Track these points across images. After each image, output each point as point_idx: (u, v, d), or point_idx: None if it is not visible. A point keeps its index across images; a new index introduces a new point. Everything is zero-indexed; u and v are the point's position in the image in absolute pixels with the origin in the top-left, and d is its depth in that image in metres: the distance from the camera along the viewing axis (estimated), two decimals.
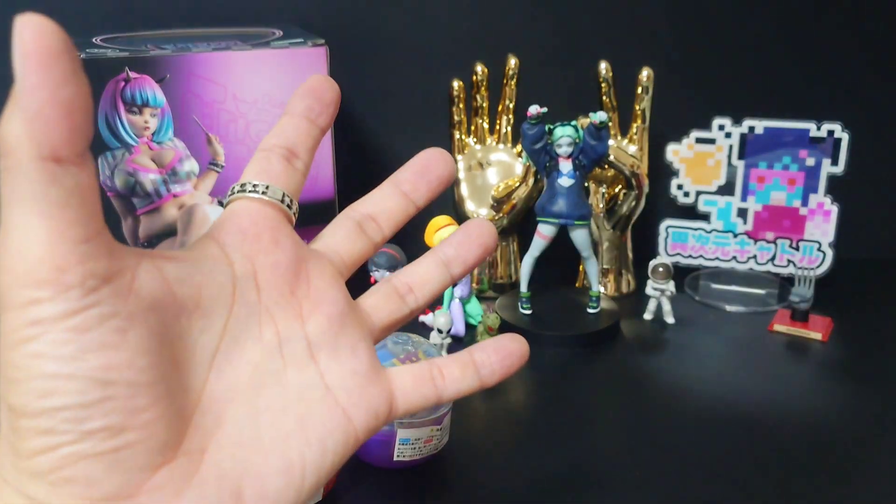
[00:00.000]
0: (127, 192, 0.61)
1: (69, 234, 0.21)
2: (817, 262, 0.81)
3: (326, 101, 0.30)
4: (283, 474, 0.25)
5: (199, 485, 0.24)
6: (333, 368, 0.28)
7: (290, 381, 0.27)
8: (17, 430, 0.21)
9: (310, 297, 0.28)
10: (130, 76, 0.59)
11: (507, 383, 0.66)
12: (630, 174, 0.80)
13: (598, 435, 0.59)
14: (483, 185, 0.82)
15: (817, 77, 0.87)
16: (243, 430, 0.25)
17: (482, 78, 0.82)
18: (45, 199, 0.20)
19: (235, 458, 0.25)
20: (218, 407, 0.25)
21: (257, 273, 0.27)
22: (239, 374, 0.26)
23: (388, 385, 0.29)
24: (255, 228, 0.27)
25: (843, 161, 0.78)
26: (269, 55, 0.61)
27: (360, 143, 0.87)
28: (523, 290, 0.75)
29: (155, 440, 0.23)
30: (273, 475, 0.25)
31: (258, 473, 0.25)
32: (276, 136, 0.29)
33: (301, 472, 0.26)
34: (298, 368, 0.27)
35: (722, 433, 0.58)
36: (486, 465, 0.55)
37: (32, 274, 0.20)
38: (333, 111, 0.30)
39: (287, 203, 0.28)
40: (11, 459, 0.22)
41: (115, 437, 0.22)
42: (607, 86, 0.81)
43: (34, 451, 0.21)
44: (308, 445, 0.26)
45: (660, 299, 0.76)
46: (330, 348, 0.28)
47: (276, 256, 0.27)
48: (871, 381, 0.66)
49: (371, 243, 0.31)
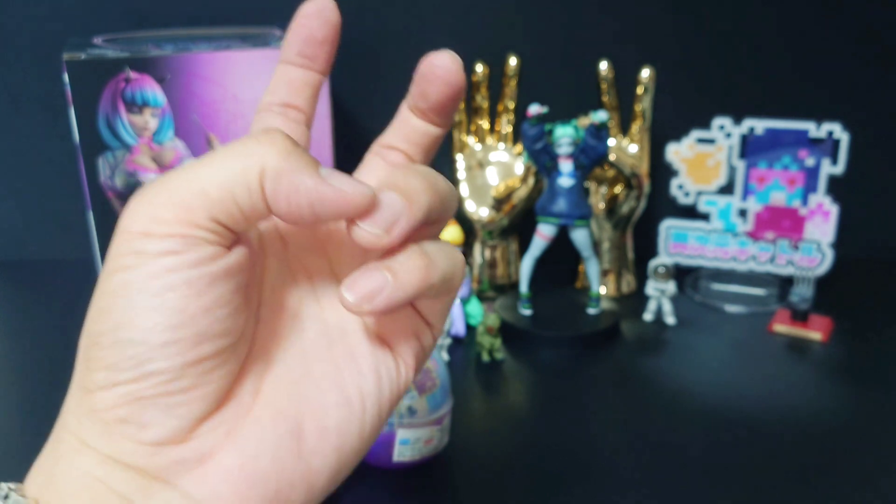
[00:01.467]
0: (127, 192, 0.61)
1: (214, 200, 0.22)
2: (817, 262, 0.81)
3: (319, 38, 0.28)
4: (342, 406, 0.25)
5: (254, 423, 0.24)
6: None
7: (329, 321, 0.27)
8: (88, 359, 0.22)
9: (332, 238, 0.28)
10: (131, 76, 0.59)
11: (507, 383, 0.66)
12: (630, 174, 0.80)
13: (598, 435, 0.59)
14: (483, 185, 0.82)
15: (817, 77, 0.87)
16: (294, 370, 0.25)
17: (482, 77, 0.82)
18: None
19: (290, 395, 0.25)
20: (266, 350, 0.25)
21: (278, 225, 0.27)
22: (281, 320, 0.26)
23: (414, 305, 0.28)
24: None
25: (843, 161, 0.78)
26: (269, 55, 0.61)
27: (360, 143, 0.87)
28: (523, 291, 0.75)
29: (212, 388, 0.23)
30: (332, 408, 0.25)
31: (316, 409, 0.25)
32: (269, 93, 0.29)
33: (361, 404, 0.26)
34: (334, 308, 0.27)
35: (722, 433, 0.58)
36: (486, 465, 0.55)
37: (188, 214, 0.22)
38: (330, 49, 0.28)
39: None
40: (77, 395, 0.23)
41: (172, 382, 0.22)
42: (608, 85, 0.81)
43: (97, 384, 0.22)
44: (362, 375, 0.26)
45: (660, 299, 0.76)
46: None
47: None
48: (871, 381, 0.66)
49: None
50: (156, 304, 0.21)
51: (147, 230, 0.22)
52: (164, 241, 0.22)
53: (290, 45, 0.28)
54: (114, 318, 0.22)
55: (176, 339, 0.22)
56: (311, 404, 0.25)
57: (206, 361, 0.22)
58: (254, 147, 0.22)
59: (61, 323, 0.76)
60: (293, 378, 0.25)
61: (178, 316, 0.22)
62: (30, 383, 0.66)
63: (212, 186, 0.22)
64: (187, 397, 0.22)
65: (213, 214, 0.22)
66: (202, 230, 0.22)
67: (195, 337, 0.22)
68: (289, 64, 0.28)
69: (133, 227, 0.22)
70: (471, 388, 0.65)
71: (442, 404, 0.52)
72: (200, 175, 0.22)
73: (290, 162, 0.22)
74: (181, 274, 0.22)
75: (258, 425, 0.24)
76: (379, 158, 0.29)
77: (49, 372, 0.66)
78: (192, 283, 0.22)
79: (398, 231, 0.23)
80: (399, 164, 0.29)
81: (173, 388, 0.22)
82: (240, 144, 0.22)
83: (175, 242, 0.22)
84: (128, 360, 0.21)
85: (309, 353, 0.26)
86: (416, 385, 0.51)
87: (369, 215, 0.23)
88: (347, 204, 0.23)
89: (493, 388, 0.66)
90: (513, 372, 0.68)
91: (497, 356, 0.69)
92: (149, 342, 0.21)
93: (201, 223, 0.22)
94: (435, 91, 0.27)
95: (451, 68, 0.27)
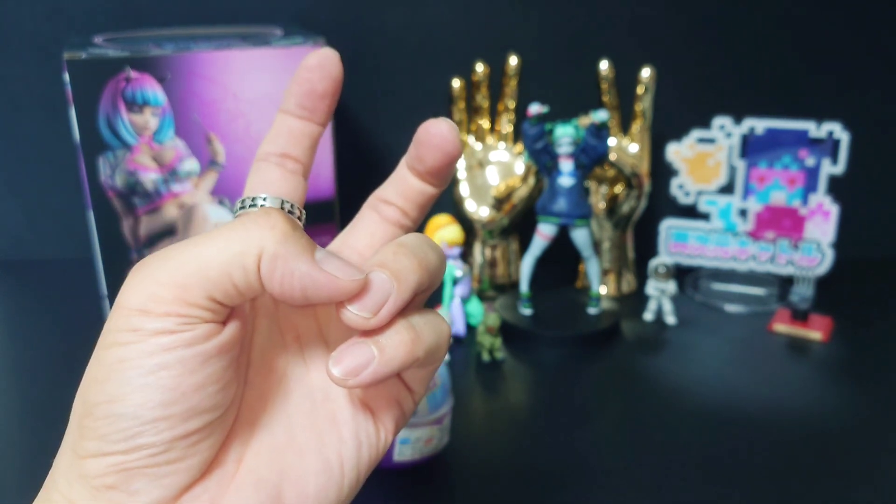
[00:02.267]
0: (127, 192, 0.61)
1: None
2: (817, 262, 0.81)
3: (319, 92, 0.28)
4: (322, 474, 0.26)
5: (236, 491, 0.24)
6: None
7: (314, 383, 0.27)
8: (81, 427, 0.23)
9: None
10: (131, 76, 0.59)
11: (507, 383, 0.66)
12: (631, 174, 0.80)
13: (599, 435, 0.59)
14: (483, 185, 0.82)
15: (817, 77, 0.87)
16: (277, 436, 0.26)
17: (482, 77, 0.82)
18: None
19: (272, 462, 0.25)
20: (251, 416, 0.26)
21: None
22: (268, 383, 0.27)
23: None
24: None
25: (843, 161, 0.78)
26: (269, 54, 0.61)
27: (360, 143, 0.87)
28: (524, 290, 0.75)
29: (198, 459, 0.23)
30: (312, 475, 0.25)
31: (297, 475, 0.25)
32: (269, 143, 0.29)
33: (340, 469, 0.26)
34: (320, 370, 0.28)
35: (722, 433, 0.58)
36: (486, 465, 0.55)
37: (183, 294, 0.22)
38: (331, 103, 0.28)
39: (288, 209, 0.28)
40: (68, 458, 0.23)
41: (160, 455, 0.23)
42: (608, 85, 0.81)
43: (88, 452, 0.23)
44: (343, 442, 0.26)
45: (660, 299, 0.76)
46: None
47: None
48: (871, 381, 0.66)
49: (397, 227, 0.30)
50: (150, 382, 0.22)
51: (145, 308, 0.22)
52: (162, 319, 0.22)
53: (291, 97, 0.28)
54: (108, 392, 0.22)
55: (167, 416, 0.22)
56: (292, 471, 0.25)
57: (195, 435, 0.23)
58: (253, 230, 0.23)
59: (61, 323, 0.76)
60: (276, 445, 0.26)
61: (171, 393, 0.22)
62: (30, 383, 0.66)
63: (211, 268, 0.22)
64: (174, 468, 0.23)
65: (210, 293, 0.22)
66: (199, 308, 0.22)
67: (186, 412, 0.23)
68: (288, 114, 0.29)
69: (131, 304, 0.22)
70: (471, 388, 0.65)
71: (442, 404, 0.52)
72: (201, 255, 0.23)
73: (287, 247, 0.23)
74: (176, 353, 0.22)
75: (240, 493, 0.24)
76: (375, 213, 0.30)
77: (49, 371, 0.67)
78: (186, 362, 0.22)
79: (386, 313, 0.24)
80: (392, 220, 0.30)
81: (161, 461, 0.23)
82: (240, 225, 0.23)
83: (172, 322, 0.22)
84: (119, 432, 0.22)
85: (293, 419, 0.26)
86: None
87: (359, 299, 0.24)
88: (339, 290, 0.23)
89: (493, 388, 0.66)
90: (513, 372, 0.68)
91: (497, 356, 0.69)
92: (140, 417, 0.22)
93: (198, 302, 0.22)
94: (431, 157, 0.28)
95: (447, 136, 0.27)
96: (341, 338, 0.28)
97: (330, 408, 0.27)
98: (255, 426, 0.26)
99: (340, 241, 0.30)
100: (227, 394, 0.24)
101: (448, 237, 0.72)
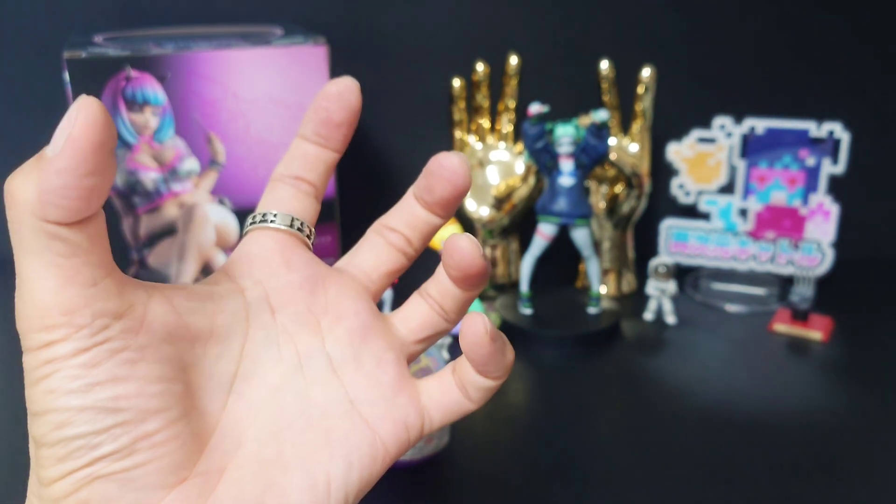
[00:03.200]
0: (127, 191, 0.61)
1: (77, 279, 0.22)
2: (817, 262, 0.81)
3: (336, 121, 0.28)
4: (307, 491, 0.25)
5: (215, 502, 0.24)
6: (357, 382, 0.28)
7: (313, 398, 0.27)
8: (38, 458, 0.23)
9: (328, 312, 0.28)
10: (132, 75, 0.59)
11: (507, 383, 0.66)
12: (631, 173, 0.80)
13: (599, 435, 0.59)
14: (484, 185, 0.82)
15: (818, 76, 0.87)
16: (265, 449, 0.25)
17: (483, 77, 0.82)
18: (51, 251, 0.21)
19: (257, 476, 0.25)
20: (239, 428, 0.26)
21: (269, 295, 0.27)
22: (261, 395, 0.26)
23: (416, 396, 0.28)
24: (264, 253, 0.28)
25: (843, 161, 0.78)
26: (269, 54, 0.61)
27: (360, 143, 0.87)
28: (524, 290, 0.75)
29: (167, 461, 0.23)
30: (297, 492, 0.25)
31: (281, 491, 0.25)
32: (284, 165, 0.29)
33: (326, 489, 0.26)
34: (321, 384, 0.27)
35: (722, 433, 0.58)
36: (486, 465, 0.55)
37: (44, 319, 0.22)
38: (347, 132, 0.29)
39: (297, 227, 0.28)
40: (36, 489, 0.23)
41: (125, 459, 0.22)
42: (608, 85, 0.81)
43: (52, 478, 0.22)
44: (332, 460, 0.26)
45: (660, 299, 0.76)
46: (353, 362, 0.28)
47: (288, 277, 0.28)
48: (871, 381, 0.66)
49: (401, 254, 0.30)
50: (87, 403, 0.22)
51: (48, 340, 0.22)
52: (70, 341, 0.22)
53: (309, 123, 0.29)
54: (52, 421, 0.22)
55: (119, 423, 0.22)
56: (275, 487, 0.25)
57: (157, 435, 0.23)
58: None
59: None
60: (262, 458, 0.25)
61: (113, 403, 0.22)
62: None
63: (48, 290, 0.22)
64: (144, 471, 0.23)
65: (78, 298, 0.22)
66: (89, 317, 0.22)
67: (137, 416, 0.22)
68: (305, 139, 0.29)
69: (33, 344, 0.22)
70: None
71: None
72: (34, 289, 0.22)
73: (37, 184, 0.21)
74: (100, 368, 0.22)
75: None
76: (380, 238, 0.30)
77: None
78: (112, 371, 0.22)
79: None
80: (396, 247, 0.30)
81: (129, 464, 0.22)
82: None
83: (82, 337, 0.22)
84: (77, 451, 0.22)
85: (284, 432, 0.26)
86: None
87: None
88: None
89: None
90: (513, 372, 0.68)
91: None
92: (93, 432, 0.22)
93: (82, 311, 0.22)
94: (440, 189, 0.28)
95: (458, 171, 0.28)
96: (350, 356, 0.28)
97: (326, 424, 0.26)
98: (241, 438, 0.25)
99: (347, 259, 0.30)
100: (173, 391, 0.23)
101: (448, 237, 0.72)
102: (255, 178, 0.64)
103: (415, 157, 0.86)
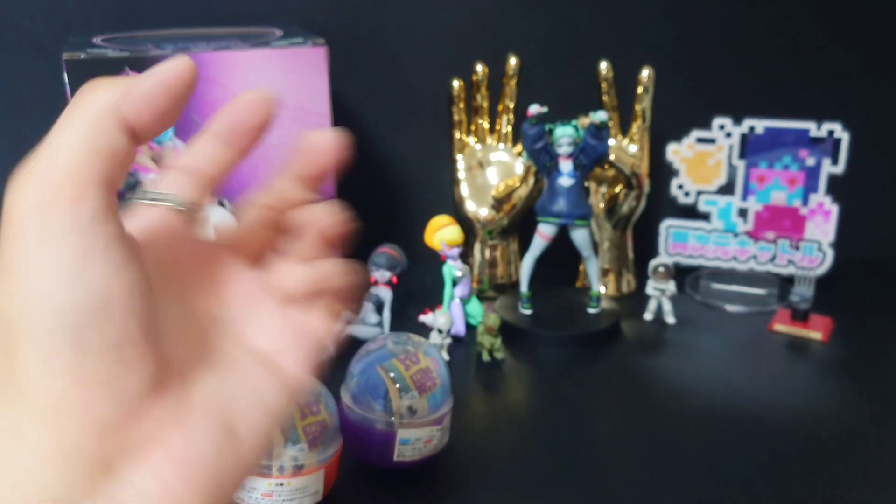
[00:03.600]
0: (126, 192, 0.61)
1: (105, 174, 0.23)
2: (817, 262, 0.81)
3: (249, 126, 0.29)
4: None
5: (191, 421, 0.24)
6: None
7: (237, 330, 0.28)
8: (16, 359, 0.21)
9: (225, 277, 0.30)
10: (131, 76, 0.59)
11: (507, 383, 0.66)
12: (630, 174, 0.80)
13: (599, 434, 0.59)
14: (483, 185, 0.82)
15: (817, 77, 0.87)
16: (215, 386, 0.26)
17: (482, 77, 0.82)
18: (102, 137, 0.23)
19: (220, 397, 0.25)
20: (184, 369, 0.26)
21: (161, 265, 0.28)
22: (194, 339, 0.26)
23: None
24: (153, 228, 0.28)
25: (843, 161, 0.78)
26: (269, 55, 0.61)
27: (360, 143, 0.87)
28: (523, 290, 0.75)
29: (146, 369, 0.23)
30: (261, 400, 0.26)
31: (243, 410, 0.26)
32: (184, 159, 0.30)
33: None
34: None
35: (722, 432, 0.58)
36: (486, 465, 0.55)
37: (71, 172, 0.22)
38: (257, 136, 0.30)
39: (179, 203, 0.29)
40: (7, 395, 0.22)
41: (111, 353, 0.22)
42: (608, 85, 0.81)
43: (36, 376, 0.21)
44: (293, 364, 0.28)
45: (660, 299, 0.76)
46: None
47: (173, 251, 0.28)
48: (871, 381, 0.66)
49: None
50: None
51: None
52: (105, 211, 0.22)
53: (219, 122, 0.30)
54: (37, 289, 0.22)
55: (105, 306, 0.22)
56: (237, 407, 0.26)
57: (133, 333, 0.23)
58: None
59: None
60: (218, 390, 0.26)
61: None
62: None
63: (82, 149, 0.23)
64: (127, 373, 0.22)
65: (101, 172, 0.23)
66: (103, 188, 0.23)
67: (126, 309, 0.22)
68: (210, 139, 0.30)
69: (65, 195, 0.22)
70: (471, 387, 0.65)
71: (442, 404, 0.52)
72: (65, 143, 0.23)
73: (123, 90, 0.24)
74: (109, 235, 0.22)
75: (196, 423, 0.24)
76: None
77: None
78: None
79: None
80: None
81: (114, 359, 0.22)
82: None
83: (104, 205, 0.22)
84: (63, 334, 0.21)
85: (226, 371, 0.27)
86: (417, 385, 0.51)
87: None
88: (179, 71, 0.25)
89: (493, 388, 0.66)
90: (513, 372, 0.68)
91: (497, 356, 0.69)
92: (90, 306, 0.22)
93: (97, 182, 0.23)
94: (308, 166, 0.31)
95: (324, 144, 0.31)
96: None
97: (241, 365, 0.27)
98: (189, 379, 0.25)
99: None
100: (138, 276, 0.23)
101: (448, 237, 0.72)
102: (254, 178, 0.64)
103: (414, 157, 0.86)
